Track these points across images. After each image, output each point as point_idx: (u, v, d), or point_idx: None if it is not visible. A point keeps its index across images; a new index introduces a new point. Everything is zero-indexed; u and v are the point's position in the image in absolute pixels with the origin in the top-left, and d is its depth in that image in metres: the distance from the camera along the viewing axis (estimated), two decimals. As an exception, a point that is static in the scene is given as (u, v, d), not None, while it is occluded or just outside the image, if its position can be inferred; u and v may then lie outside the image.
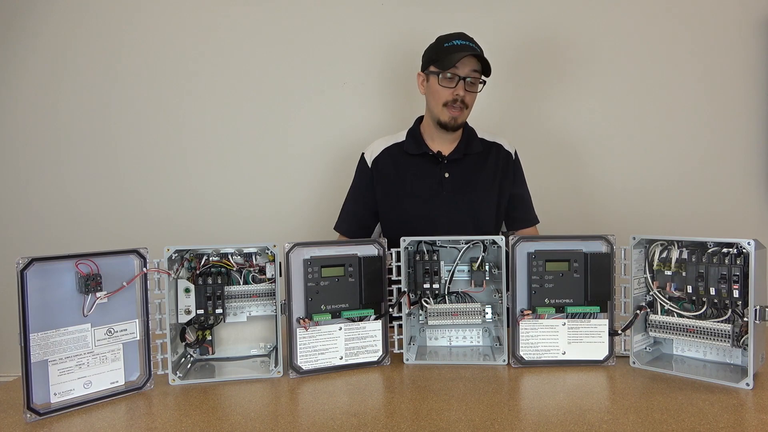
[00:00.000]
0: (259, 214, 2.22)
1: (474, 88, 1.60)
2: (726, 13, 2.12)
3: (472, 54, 1.54)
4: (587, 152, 2.20)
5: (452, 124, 1.61)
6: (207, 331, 1.19)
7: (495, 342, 1.27)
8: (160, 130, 2.21)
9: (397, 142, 1.73)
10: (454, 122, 1.61)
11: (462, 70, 1.56)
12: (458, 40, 1.58)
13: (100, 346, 1.04)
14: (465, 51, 1.54)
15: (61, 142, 2.20)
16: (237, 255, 1.18)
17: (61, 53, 2.17)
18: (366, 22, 2.19)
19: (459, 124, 1.63)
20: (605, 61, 2.17)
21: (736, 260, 1.05)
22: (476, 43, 1.61)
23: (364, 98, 2.21)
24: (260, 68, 2.20)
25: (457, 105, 1.58)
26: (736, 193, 2.15)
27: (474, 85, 1.60)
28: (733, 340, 1.06)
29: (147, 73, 2.19)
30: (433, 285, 1.22)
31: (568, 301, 1.17)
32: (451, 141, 1.69)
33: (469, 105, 1.62)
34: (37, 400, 0.95)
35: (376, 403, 0.99)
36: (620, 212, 2.18)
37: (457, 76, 1.56)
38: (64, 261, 0.99)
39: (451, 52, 1.55)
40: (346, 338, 1.18)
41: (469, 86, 1.59)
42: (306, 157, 2.22)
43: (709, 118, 2.15)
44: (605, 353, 1.16)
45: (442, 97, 1.59)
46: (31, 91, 2.18)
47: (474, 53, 1.54)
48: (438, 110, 1.62)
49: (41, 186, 2.20)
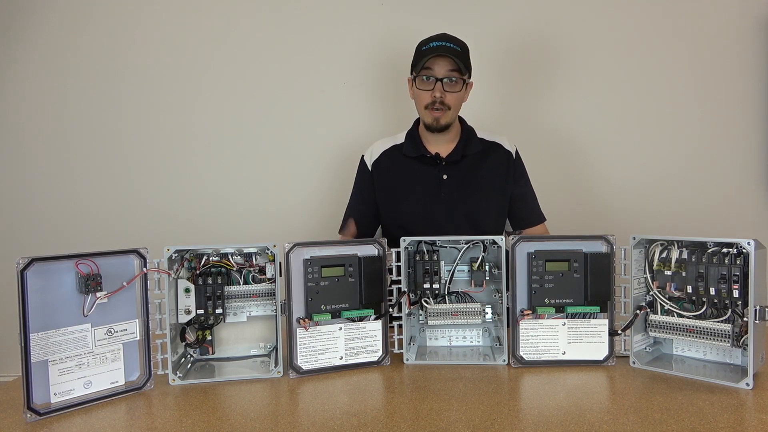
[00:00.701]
0: (259, 214, 2.22)
1: (454, 87, 1.57)
2: (726, 13, 2.12)
3: (443, 54, 1.52)
4: (587, 152, 2.20)
5: (435, 125, 1.61)
6: (207, 331, 1.19)
7: (495, 342, 1.27)
8: (160, 130, 2.21)
9: (396, 144, 1.72)
10: (437, 123, 1.60)
11: (438, 71, 1.55)
12: (435, 42, 1.57)
13: (100, 346, 1.04)
14: (436, 52, 1.53)
15: (61, 142, 2.20)
16: (237, 255, 1.18)
17: (63, 52, 2.17)
18: (366, 22, 2.19)
19: (443, 124, 1.61)
20: (605, 61, 2.17)
21: (736, 260, 1.04)
22: (457, 42, 1.59)
23: (364, 98, 2.21)
24: (261, 68, 2.20)
25: (437, 106, 1.57)
26: (736, 193, 2.15)
27: (454, 84, 1.57)
28: (733, 340, 1.06)
29: (148, 74, 2.19)
30: (433, 285, 1.22)
31: (568, 301, 1.17)
32: (449, 142, 1.68)
33: (452, 105, 1.59)
34: (37, 400, 0.95)
35: (376, 403, 0.99)
36: (620, 212, 2.18)
37: (434, 77, 1.55)
38: (64, 261, 0.99)
39: (425, 55, 1.55)
40: (346, 338, 1.18)
41: (448, 86, 1.57)
42: (306, 157, 2.22)
43: (709, 118, 2.15)
44: (605, 353, 1.16)
45: (423, 99, 1.59)
46: (32, 91, 2.18)
47: (446, 53, 1.52)
48: (422, 113, 1.63)
49: (41, 186, 2.20)
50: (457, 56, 1.55)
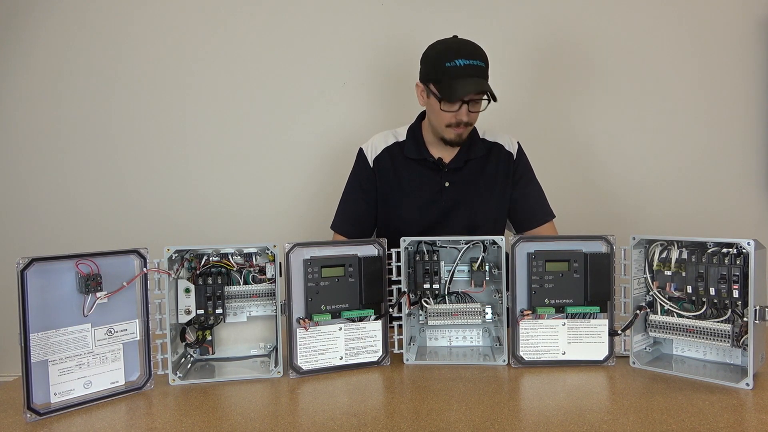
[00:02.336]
0: (259, 214, 2.22)
1: (477, 107, 1.51)
2: (726, 13, 2.12)
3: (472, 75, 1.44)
4: (586, 152, 2.20)
5: (458, 140, 1.55)
6: (207, 331, 1.19)
7: (495, 342, 1.27)
8: (160, 130, 2.21)
9: (398, 140, 1.65)
10: (460, 138, 1.55)
11: (465, 92, 1.45)
12: (461, 60, 1.43)
13: (100, 346, 1.04)
14: (469, 81, 1.44)
15: (61, 142, 2.20)
16: (237, 255, 1.18)
17: (62, 53, 2.17)
18: (366, 22, 2.18)
19: (464, 139, 1.57)
20: (605, 61, 2.17)
21: (736, 260, 1.04)
22: (482, 57, 1.48)
23: (365, 99, 2.21)
24: (261, 68, 2.20)
25: (461, 126, 1.51)
26: (736, 193, 2.15)
27: (477, 104, 1.51)
28: (733, 340, 1.06)
29: (147, 74, 2.19)
30: (433, 285, 1.22)
31: (568, 302, 1.17)
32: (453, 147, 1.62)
33: (473, 122, 1.55)
34: (37, 400, 0.95)
35: (376, 403, 0.99)
36: (620, 212, 2.18)
37: (461, 100, 1.47)
38: (64, 261, 0.99)
39: (454, 77, 1.44)
40: (346, 338, 1.18)
41: (473, 107, 1.49)
42: (306, 157, 2.22)
43: (709, 118, 2.15)
44: (605, 353, 1.16)
45: (445, 119, 1.51)
46: (32, 91, 2.18)
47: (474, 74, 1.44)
48: (441, 129, 1.54)
49: (41, 186, 2.20)
50: (483, 76, 1.48)
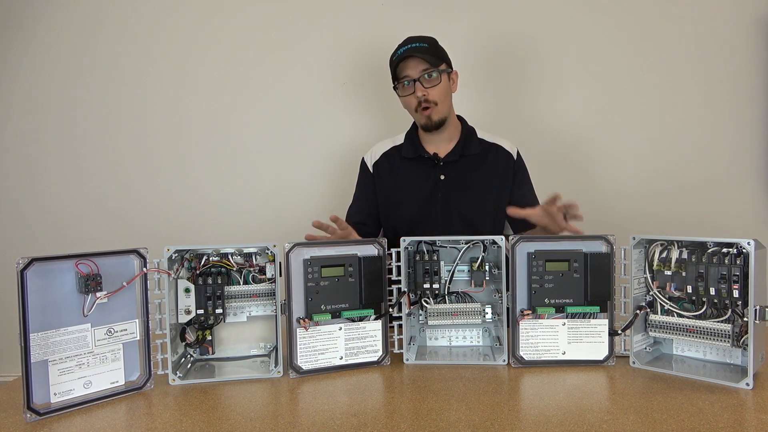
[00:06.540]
0: (259, 214, 2.22)
1: (433, 82, 1.57)
2: (726, 13, 2.12)
3: (411, 55, 1.54)
4: (586, 152, 2.20)
5: (429, 123, 1.61)
6: (207, 331, 1.19)
7: (495, 342, 1.27)
8: (160, 131, 2.21)
9: (396, 145, 1.73)
10: (430, 120, 1.60)
11: (412, 72, 1.56)
12: (401, 48, 1.59)
13: (100, 346, 1.04)
14: (404, 56, 1.55)
15: (61, 142, 2.20)
16: (237, 255, 1.18)
17: (63, 53, 2.17)
18: (366, 22, 2.19)
19: (436, 120, 1.61)
20: (604, 61, 2.17)
21: (736, 260, 1.04)
22: (423, 39, 1.59)
23: (365, 99, 2.21)
24: (261, 69, 2.20)
25: (424, 105, 1.58)
26: (736, 193, 2.15)
27: (433, 79, 1.57)
28: (733, 340, 1.06)
29: (147, 75, 2.19)
30: (433, 285, 1.22)
31: (568, 301, 1.17)
32: (448, 141, 1.67)
33: (438, 99, 1.59)
34: (37, 400, 0.95)
35: (376, 403, 0.99)
36: (620, 212, 2.18)
37: (410, 80, 1.57)
38: (64, 261, 0.99)
39: (396, 63, 1.58)
40: (346, 338, 1.18)
41: (427, 82, 1.56)
42: (306, 157, 2.22)
43: (709, 118, 2.15)
44: (605, 353, 1.16)
45: (410, 104, 1.61)
46: (32, 91, 2.18)
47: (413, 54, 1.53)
48: (415, 116, 1.65)
49: (41, 186, 2.20)
50: (425, 52, 1.56)
